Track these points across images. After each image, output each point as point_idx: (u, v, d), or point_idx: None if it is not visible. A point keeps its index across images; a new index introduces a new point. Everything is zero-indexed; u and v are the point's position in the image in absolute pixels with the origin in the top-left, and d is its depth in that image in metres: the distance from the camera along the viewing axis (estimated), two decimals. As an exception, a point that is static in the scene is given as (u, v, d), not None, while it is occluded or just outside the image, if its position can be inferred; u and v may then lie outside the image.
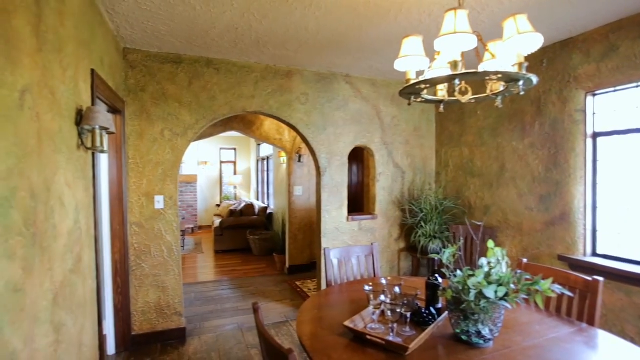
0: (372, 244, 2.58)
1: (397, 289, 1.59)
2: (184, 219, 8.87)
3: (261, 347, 1.35)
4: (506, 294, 1.35)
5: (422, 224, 3.78)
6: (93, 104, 2.01)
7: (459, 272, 1.47)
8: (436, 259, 1.70)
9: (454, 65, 1.33)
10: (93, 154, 2.03)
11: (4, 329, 1.07)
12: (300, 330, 1.61)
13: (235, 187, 10.00)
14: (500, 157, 3.39)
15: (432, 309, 1.64)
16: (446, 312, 1.62)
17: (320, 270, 3.66)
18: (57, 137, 1.51)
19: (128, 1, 2.16)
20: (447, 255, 1.60)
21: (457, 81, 1.34)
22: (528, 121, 3.10)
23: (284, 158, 5.86)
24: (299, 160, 5.39)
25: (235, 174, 10.15)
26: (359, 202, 5.25)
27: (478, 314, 1.38)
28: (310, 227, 5.43)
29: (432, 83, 1.44)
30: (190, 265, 5.86)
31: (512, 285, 1.37)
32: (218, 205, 9.58)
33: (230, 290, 4.55)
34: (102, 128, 1.86)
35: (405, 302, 1.48)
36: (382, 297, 1.52)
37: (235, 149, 10.20)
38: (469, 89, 1.53)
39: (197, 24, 2.49)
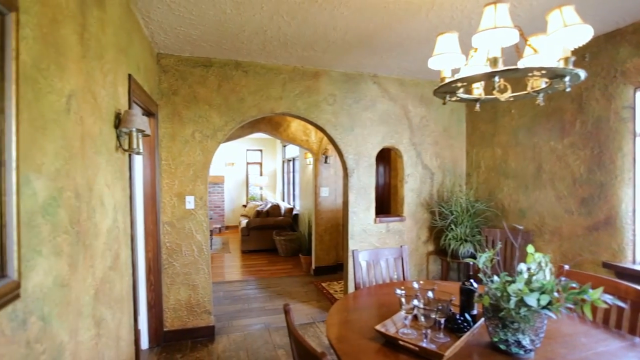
0: (401, 246, 2.52)
1: (430, 294, 1.54)
2: (211, 219, 9.09)
3: (292, 348, 1.35)
4: (550, 303, 1.27)
5: (452, 226, 3.67)
6: (130, 107, 2.09)
7: (496, 277, 1.41)
8: (471, 263, 1.64)
9: (494, 61, 1.27)
10: (129, 156, 2.11)
11: (52, 322, 1.13)
12: (330, 332, 1.59)
13: (261, 188, 10.15)
14: (536, 158, 3.23)
15: (467, 316, 1.58)
16: (482, 319, 1.55)
17: (348, 272, 3.63)
18: (98, 140, 1.58)
19: (162, 7, 2.24)
20: (483, 259, 1.53)
21: (497, 78, 1.27)
22: (568, 119, 2.94)
23: (310, 159, 5.87)
24: (326, 162, 5.39)
25: (261, 175, 10.30)
26: (386, 203, 5.17)
27: (518, 322, 1.31)
28: (336, 228, 5.41)
29: (470, 81, 1.38)
30: (218, 265, 5.99)
31: (555, 294, 1.29)
32: (244, 206, 9.75)
33: (257, 290, 4.60)
34: (139, 130, 1.93)
35: (440, 307, 1.43)
36: (415, 302, 1.47)
37: (261, 151, 10.36)
38: (508, 86, 1.46)
39: (227, 27, 2.54)
